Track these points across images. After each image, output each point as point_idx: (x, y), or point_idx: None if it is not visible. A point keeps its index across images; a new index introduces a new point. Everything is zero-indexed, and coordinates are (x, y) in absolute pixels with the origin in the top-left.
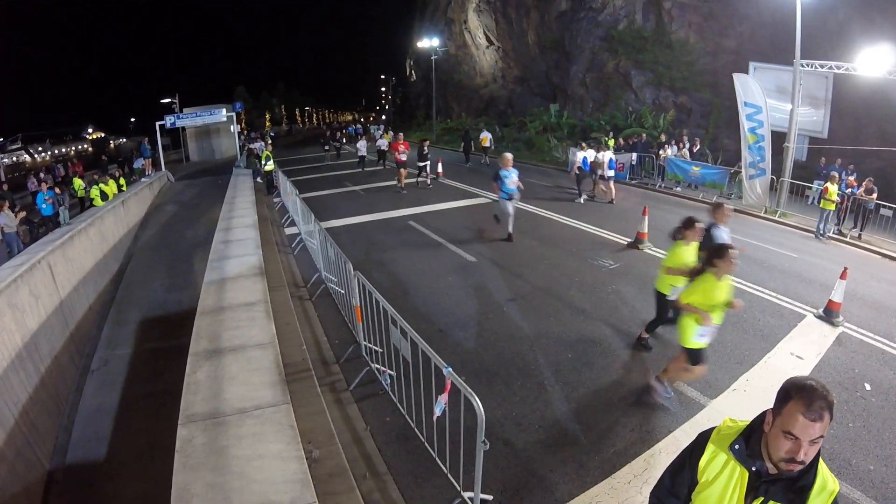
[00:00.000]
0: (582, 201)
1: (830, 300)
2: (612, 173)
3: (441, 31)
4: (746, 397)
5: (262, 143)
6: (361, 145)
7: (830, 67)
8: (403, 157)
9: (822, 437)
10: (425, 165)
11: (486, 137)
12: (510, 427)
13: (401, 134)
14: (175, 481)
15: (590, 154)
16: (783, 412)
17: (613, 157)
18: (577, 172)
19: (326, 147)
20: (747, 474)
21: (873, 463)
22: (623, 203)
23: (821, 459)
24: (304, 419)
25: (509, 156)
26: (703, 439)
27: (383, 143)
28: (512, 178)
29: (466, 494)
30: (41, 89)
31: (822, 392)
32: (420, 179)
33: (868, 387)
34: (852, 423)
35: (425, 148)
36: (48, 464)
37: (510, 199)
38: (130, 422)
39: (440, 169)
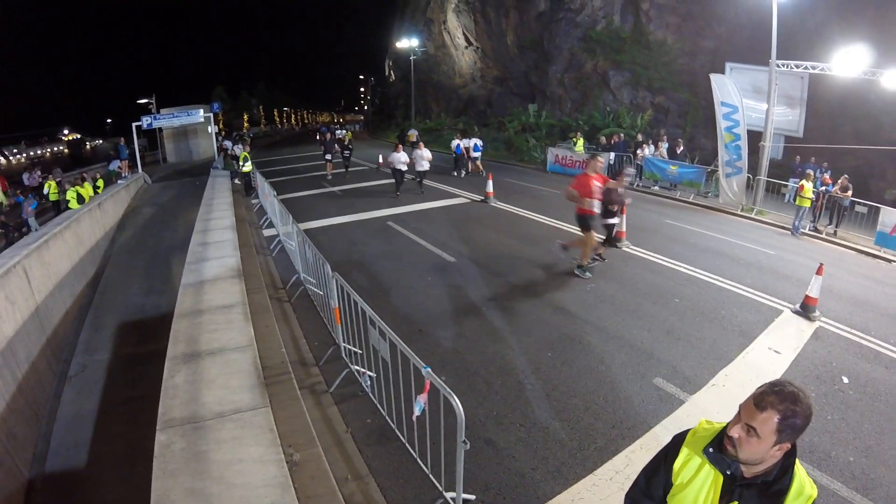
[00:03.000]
0: (462, 175)
1: (807, 295)
2: (477, 154)
3: (420, 32)
4: (725, 392)
5: (239, 144)
6: (397, 157)
7: (806, 67)
8: (595, 209)
9: (755, 430)
10: (614, 224)
11: (412, 134)
12: (491, 426)
13: (599, 160)
14: (154, 488)
15: (464, 142)
16: None
17: (479, 142)
18: (454, 155)
19: (328, 157)
20: (722, 478)
21: (853, 454)
22: None
23: (799, 464)
24: (283, 422)
25: None
26: (677, 441)
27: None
28: None
29: (448, 494)
30: (15, 90)
31: (783, 392)
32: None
33: (846, 380)
34: (831, 416)
35: (623, 184)
36: (27, 472)
37: None
38: (109, 428)
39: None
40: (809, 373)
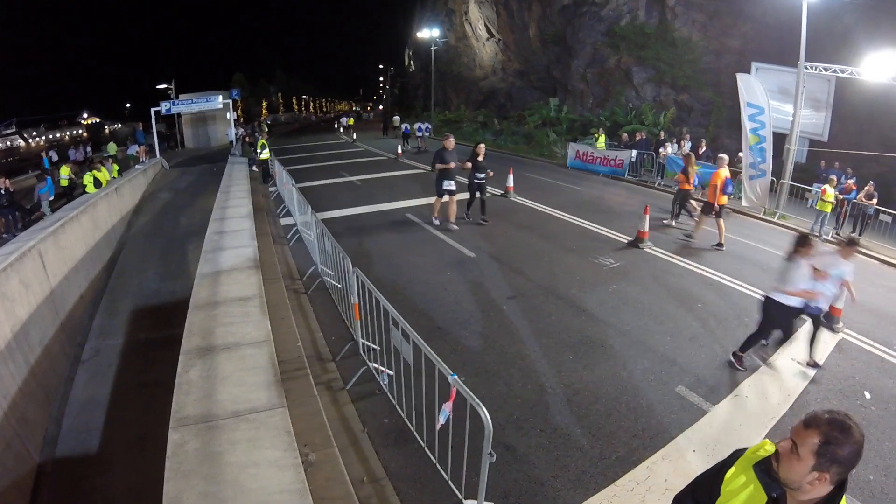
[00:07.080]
0: (411, 149)
1: (831, 306)
2: (420, 133)
3: (441, 22)
4: (748, 403)
5: (257, 132)
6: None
7: (834, 70)
8: None
9: (797, 447)
10: None
11: (395, 119)
12: (511, 431)
13: None
14: (166, 490)
15: (413, 126)
16: None
17: (422, 125)
18: (403, 133)
19: (450, 187)
20: (766, 500)
21: (873, 473)
22: (623, 201)
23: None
24: (299, 420)
25: None
26: (735, 455)
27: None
28: None
29: (468, 502)
30: (36, 74)
31: (835, 419)
32: None
33: (868, 395)
34: None
35: None
36: (38, 456)
37: None
38: (121, 413)
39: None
40: (832, 386)
